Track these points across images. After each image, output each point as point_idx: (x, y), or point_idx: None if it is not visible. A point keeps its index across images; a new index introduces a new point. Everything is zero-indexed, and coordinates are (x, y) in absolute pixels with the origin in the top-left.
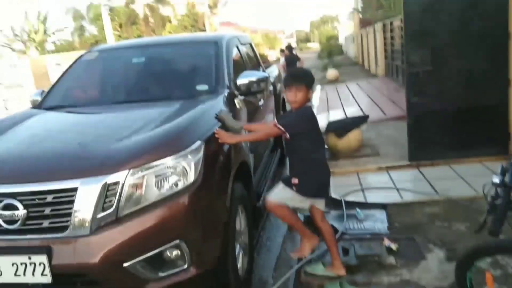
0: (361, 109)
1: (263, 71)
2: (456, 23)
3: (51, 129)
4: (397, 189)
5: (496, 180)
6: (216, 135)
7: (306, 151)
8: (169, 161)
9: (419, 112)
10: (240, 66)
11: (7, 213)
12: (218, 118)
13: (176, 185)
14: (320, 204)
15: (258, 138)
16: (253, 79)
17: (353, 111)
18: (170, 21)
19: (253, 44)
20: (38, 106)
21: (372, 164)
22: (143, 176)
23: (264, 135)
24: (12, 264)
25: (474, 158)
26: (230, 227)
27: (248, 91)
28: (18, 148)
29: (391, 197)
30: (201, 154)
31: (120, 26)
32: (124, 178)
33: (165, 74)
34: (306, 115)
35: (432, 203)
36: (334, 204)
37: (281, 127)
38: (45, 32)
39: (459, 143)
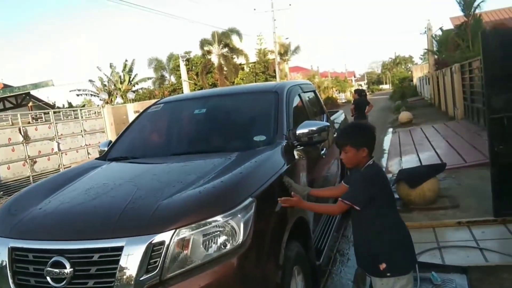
0: (438, 154)
1: (328, 118)
2: None
3: (107, 183)
4: (481, 249)
5: None
6: (282, 203)
7: (380, 218)
8: (217, 220)
9: (504, 161)
10: (301, 114)
11: (55, 270)
12: (284, 181)
13: (225, 245)
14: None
15: (329, 212)
16: (314, 128)
17: (428, 156)
18: (242, 69)
19: (317, 92)
20: (104, 156)
21: (451, 219)
22: (190, 236)
23: (332, 212)
24: None
25: None
26: None
27: (309, 141)
28: (73, 203)
29: (473, 259)
30: (251, 212)
31: (197, 74)
32: (170, 238)
33: (224, 124)
34: (371, 177)
35: None
36: None
37: (348, 202)
38: (129, 82)
39: None
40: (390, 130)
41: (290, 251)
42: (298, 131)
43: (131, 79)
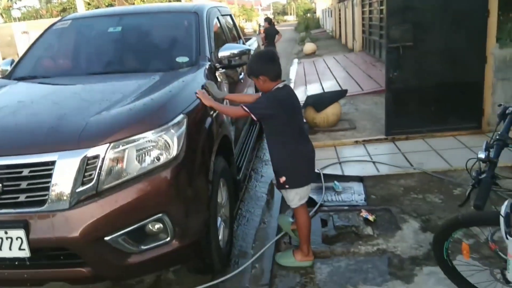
0: (339, 83)
1: (243, 43)
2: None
3: (24, 100)
4: (373, 162)
5: (482, 155)
6: (197, 95)
7: (280, 137)
8: (150, 135)
9: (397, 87)
10: (221, 38)
11: None
12: (203, 86)
13: (158, 159)
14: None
15: (228, 113)
16: (235, 51)
17: (330, 85)
18: None
19: (233, 16)
20: (8, 76)
21: (349, 138)
22: (124, 150)
23: (233, 114)
24: None
25: (448, 132)
26: (212, 201)
27: (230, 64)
28: None
29: (367, 170)
30: (183, 128)
31: None
32: (104, 151)
33: (143, 44)
34: (273, 97)
35: (407, 176)
36: None
37: (246, 109)
38: None
39: (434, 118)
40: (296, 60)
41: (217, 165)
42: (220, 54)
43: None
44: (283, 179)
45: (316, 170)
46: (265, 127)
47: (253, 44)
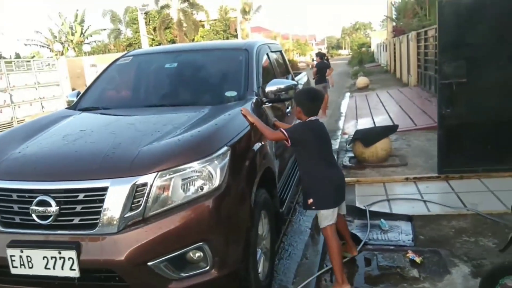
0: (391, 118)
1: (292, 78)
2: (493, 34)
3: (85, 130)
4: (424, 201)
5: None
6: (242, 112)
7: (309, 163)
8: (195, 165)
9: (450, 123)
10: (269, 73)
11: (40, 208)
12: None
13: (202, 188)
14: (342, 208)
15: (265, 134)
16: (282, 86)
17: (382, 119)
18: (203, 26)
19: (283, 52)
20: (73, 107)
21: (400, 175)
22: (171, 179)
23: (270, 135)
24: (43, 258)
25: (506, 173)
26: (252, 232)
27: (276, 98)
28: (53, 147)
29: (417, 209)
30: (227, 159)
31: (154, 29)
32: (152, 180)
33: (196, 79)
34: (307, 126)
35: (459, 217)
36: (358, 213)
37: (284, 132)
38: (82, 33)
39: (490, 157)
40: (348, 94)
41: (258, 196)
42: (267, 88)
43: (83, 30)
44: (310, 200)
45: (362, 207)
46: (297, 153)
47: (303, 79)
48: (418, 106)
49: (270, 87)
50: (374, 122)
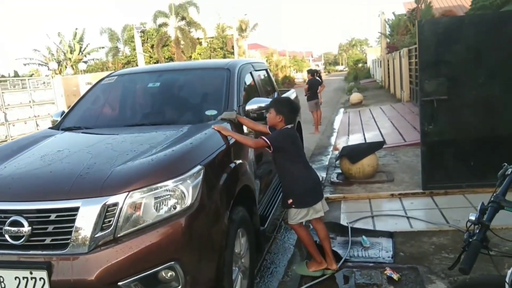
0: (381, 134)
1: (278, 96)
2: (471, 53)
3: (63, 150)
4: (408, 217)
5: (472, 217)
6: (215, 128)
7: (289, 166)
8: (168, 184)
9: (433, 140)
10: (253, 92)
11: (13, 229)
12: (221, 117)
13: (174, 207)
14: (320, 205)
15: (247, 144)
16: (262, 105)
17: (373, 135)
18: (200, 43)
19: (269, 70)
20: (56, 126)
21: (385, 191)
22: (142, 198)
23: (252, 144)
24: (15, 278)
25: (490, 188)
26: (227, 251)
27: (257, 117)
28: (29, 167)
29: (400, 225)
30: (200, 178)
31: (152, 47)
32: (123, 199)
33: (177, 98)
34: (286, 134)
35: (440, 233)
36: (341, 230)
37: (266, 140)
38: (80, 51)
39: (473, 172)
40: (342, 110)
41: (235, 214)
42: (248, 107)
43: (82, 49)
44: (290, 200)
45: (344, 223)
46: (277, 158)
47: (291, 96)
48: (409, 121)
49: (251, 106)
50: (365, 138)
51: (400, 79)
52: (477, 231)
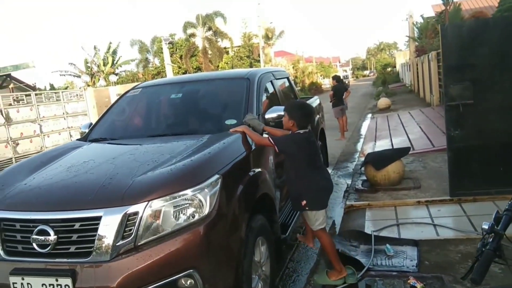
0: (409, 139)
1: None
2: (495, 56)
3: (88, 161)
4: (434, 225)
5: (485, 226)
6: (231, 130)
7: (299, 169)
8: (186, 193)
9: (459, 145)
10: (273, 100)
11: (40, 237)
12: (244, 122)
13: (193, 216)
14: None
15: (254, 140)
16: (282, 113)
17: (400, 141)
18: (227, 53)
19: (290, 78)
20: (84, 138)
21: (412, 198)
22: (161, 207)
23: (258, 141)
24: (42, 285)
25: None
26: (246, 259)
27: (278, 125)
28: (56, 178)
29: (426, 234)
30: (217, 187)
31: (181, 57)
32: (143, 209)
33: (199, 109)
34: (295, 138)
35: (468, 241)
36: (364, 238)
37: (271, 140)
38: (113, 64)
39: (502, 178)
40: (369, 115)
41: (254, 222)
42: (267, 116)
43: (115, 61)
44: (304, 202)
45: (369, 232)
46: (286, 161)
47: (314, 103)
48: (438, 126)
49: (270, 114)
50: (392, 144)
51: (429, 83)
52: (491, 240)
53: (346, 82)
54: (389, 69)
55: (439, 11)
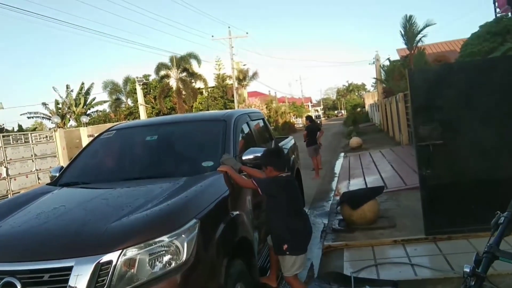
0: (382, 178)
1: (276, 143)
2: (462, 98)
3: (58, 207)
4: (412, 265)
5: (467, 269)
6: (218, 170)
7: (281, 212)
8: (162, 240)
9: (432, 184)
10: (249, 141)
11: None
12: (221, 161)
13: (170, 264)
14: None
15: (238, 182)
16: (258, 154)
17: (373, 180)
18: (201, 93)
19: (265, 119)
20: (54, 182)
21: (388, 237)
22: (136, 256)
23: (243, 184)
24: None
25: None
26: None
27: (254, 167)
28: (24, 226)
29: (404, 274)
30: (195, 232)
31: (155, 98)
32: (117, 257)
33: (174, 151)
34: (277, 182)
35: (446, 280)
36: (344, 280)
37: (255, 182)
38: (85, 104)
39: (475, 216)
40: (342, 154)
41: (233, 268)
42: (244, 157)
43: (87, 102)
44: (285, 246)
45: (348, 273)
46: (269, 203)
47: (289, 143)
48: (409, 165)
49: (247, 156)
50: (365, 182)
51: (398, 123)
52: (473, 283)
53: (319, 121)
54: (358, 109)
55: (404, 55)
